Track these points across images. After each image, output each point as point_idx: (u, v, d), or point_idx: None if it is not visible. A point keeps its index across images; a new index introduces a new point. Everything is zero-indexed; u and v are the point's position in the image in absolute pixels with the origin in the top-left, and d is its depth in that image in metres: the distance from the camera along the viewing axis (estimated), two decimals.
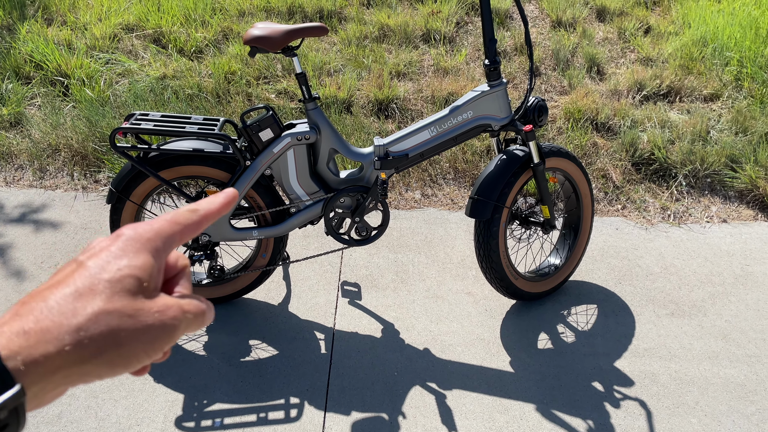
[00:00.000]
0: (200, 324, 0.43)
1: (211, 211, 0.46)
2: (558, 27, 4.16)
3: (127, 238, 0.41)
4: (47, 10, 4.10)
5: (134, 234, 0.41)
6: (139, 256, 0.40)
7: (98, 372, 0.37)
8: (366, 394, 1.96)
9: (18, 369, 0.34)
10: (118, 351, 0.37)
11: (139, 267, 0.40)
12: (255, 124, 1.92)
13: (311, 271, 2.42)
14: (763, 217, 2.83)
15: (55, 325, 0.35)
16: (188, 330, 0.42)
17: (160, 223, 0.43)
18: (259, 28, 1.86)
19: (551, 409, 1.93)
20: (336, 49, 3.84)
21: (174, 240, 0.43)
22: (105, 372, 0.37)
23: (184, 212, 0.45)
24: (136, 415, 1.87)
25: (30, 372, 0.34)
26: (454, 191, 2.93)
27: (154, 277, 0.41)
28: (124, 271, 0.39)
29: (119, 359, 0.37)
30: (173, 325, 0.40)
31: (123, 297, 0.38)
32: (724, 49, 3.75)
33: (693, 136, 3.16)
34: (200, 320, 0.43)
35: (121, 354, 0.37)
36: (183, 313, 0.41)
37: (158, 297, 0.41)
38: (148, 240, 0.42)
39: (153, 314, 0.39)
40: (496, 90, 2.00)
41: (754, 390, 2.02)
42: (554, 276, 2.32)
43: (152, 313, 0.39)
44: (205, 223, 0.45)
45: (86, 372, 0.37)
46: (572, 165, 2.20)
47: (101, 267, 0.39)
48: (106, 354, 0.37)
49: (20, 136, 3.14)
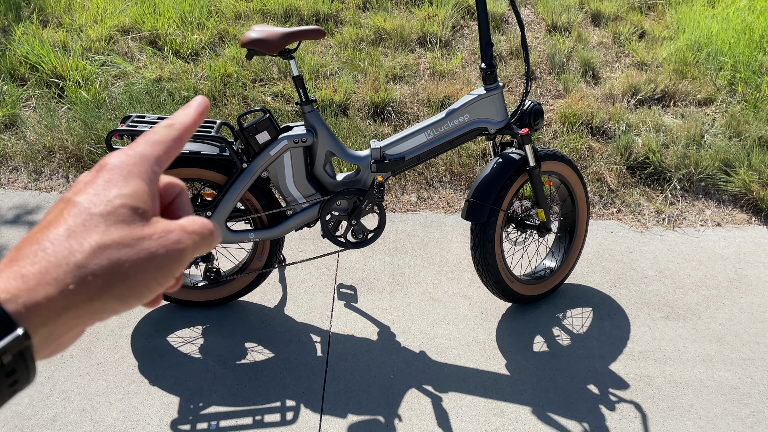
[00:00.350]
0: (209, 244, 0.41)
1: (188, 122, 0.44)
2: (553, 31, 4.18)
3: (112, 167, 0.39)
4: (43, 11, 4.09)
5: (118, 162, 0.39)
6: (129, 183, 0.38)
7: (111, 307, 0.36)
8: (362, 396, 1.96)
9: (19, 312, 0.33)
10: (125, 283, 0.36)
11: (130, 195, 0.38)
12: (252, 127, 1.92)
13: (307, 274, 2.42)
14: (756, 220, 2.85)
15: (52, 265, 0.34)
16: (197, 252, 0.40)
17: (142, 146, 0.41)
18: (256, 30, 1.86)
19: (547, 412, 1.94)
20: (332, 52, 3.85)
21: (161, 160, 0.41)
22: (118, 306, 0.36)
23: (162, 129, 0.43)
24: (132, 418, 1.86)
25: (33, 315, 0.33)
26: (450, 194, 2.94)
27: (148, 202, 0.39)
28: (115, 202, 0.37)
29: (129, 291, 0.36)
30: (178, 248, 0.38)
31: (119, 228, 0.36)
32: (718, 54, 3.77)
33: (687, 140, 3.18)
34: (208, 240, 0.41)
35: (129, 286, 0.36)
36: (187, 235, 0.39)
37: (157, 222, 0.39)
38: (134, 165, 0.40)
39: (155, 240, 0.37)
40: (493, 93, 2.00)
41: (748, 393, 2.03)
42: (550, 279, 2.33)
43: (154, 240, 0.37)
44: (186, 135, 0.43)
45: (98, 309, 0.35)
46: (568, 168, 2.21)
47: (91, 201, 0.37)
48: (114, 288, 0.35)
49: (15, 138, 3.13)
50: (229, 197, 1.97)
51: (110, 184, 0.38)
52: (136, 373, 2.01)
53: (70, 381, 1.97)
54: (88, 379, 1.98)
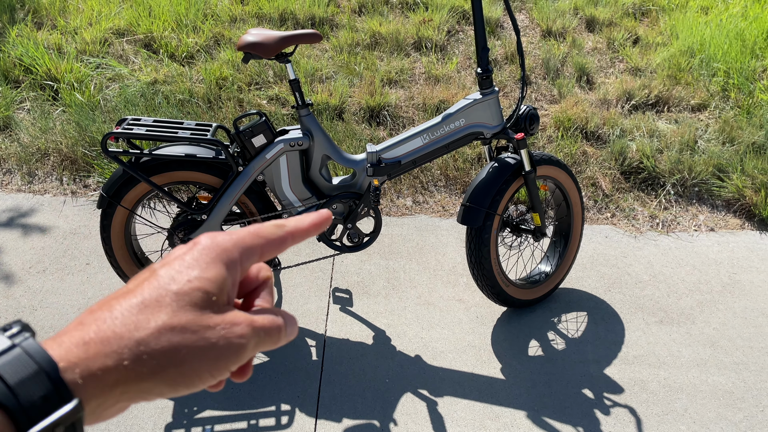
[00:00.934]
0: (275, 342, 0.40)
1: (299, 229, 0.43)
2: (548, 36, 4.20)
3: (203, 247, 0.39)
4: (37, 14, 4.08)
5: (211, 243, 0.39)
6: (212, 267, 0.38)
7: (159, 390, 0.35)
8: (357, 401, 1.96)
9: (76, 382, 0.32)
10: (178, 369, 0.35)
11: (209, 279, 0.37)
12: (248, 130, 1.92)
13: (302, 278, 2.41)
14: (749, 226, 2.87)
15: (116, 336, 0.34)
16: (260, 348, 0.39)
17: (242, 234, 0.41)
18: (252, 34, 1.86)
19: (542, 416, 1.94)
20: (328, 56, 3.85)
21: (254, 253, 0.40)
22: (166, 391, 0.35)
23: (270, 226, 0.42)
24: (126, 422, 1.85)
25: (88, 386, 0.33)
26: (446, 198, 2.94)
27: (225, 290, 0.38)
28: (193, 284, 0.37)
29: (180, 378, 0.35)
30: (239, 343, 0.37)
31: (189, 311, 0.36)
32: (711, 60, 3.80)
33: (681, 146, 3.20)
34: (275, 338, 0.39)
35: (182, 372, 0.35)
36: (253, 330, 0.38)
37: (228, 312, 0.38)
38: (224, 250, 0.39)
39: (218, 331, 0.36)
40: (488, 98, 2.01)
41: (742, 397, 2.03)
42: (545, 283, 2.33)
43: (218, 330, 0.36)
44: (290, 241, 0.42)
45: (146, 389, 0.35)
46: (563, 173, 2.22)
47: (171, 277, 0.37)
48: (167, 372, 0.35)
49: (9, 140, 3.11)
50: (224, 200, 1.97)
51: (195, 264, 0.38)
52: None
53: None
54: None
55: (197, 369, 0.35)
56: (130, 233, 2.09)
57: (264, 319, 0.39)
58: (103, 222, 2.02)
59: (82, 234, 2.60)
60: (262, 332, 0.38)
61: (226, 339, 0.36)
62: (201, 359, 0.35)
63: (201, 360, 0.35)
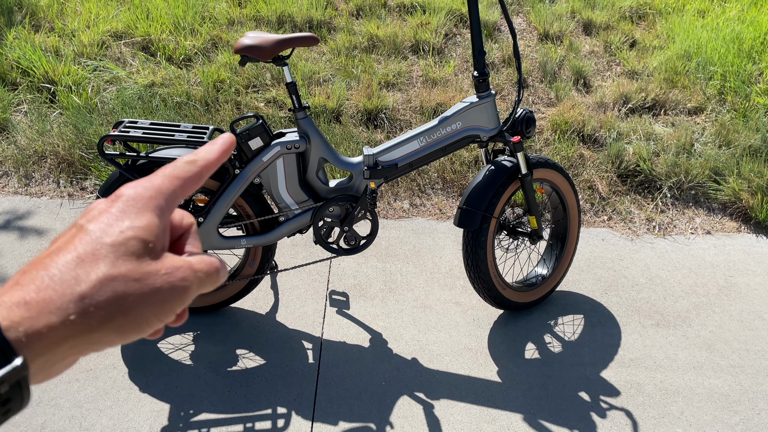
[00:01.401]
0: (214, 282, 0.41)
1: (210, 160, 0.44)
2: (545, 40, 4.21)
3: (127, 198, 0.39)
4: (35, 16, 4.08)
5: (134, 194, 0.39)
6: (142, 216, 0.38)
7: (108, 339, 0.36)
8: (353, 403, 1.96)
9: (20, 340, 0.32)
10: (126, 317, 0.35)
11: (142, 228, 0.38)
12: (244, 133, 1.92)
13: (299, 280, 2.41)
14: (746, 228, 2.88)
15: (57, 294, 0.34)
16: (201, 290, 0.40)
17: (160, 179, 0.41)
18: (250, 37, 1.87)
19: (538, 419, 1.94)
20: (325, 59, 3.86)
21: (176, 196, 0.41)
22: (115, 339, 0.36)
23: (182, 164, 0.42)
24: (121, 425, 1.85)
25: (33, 344, 0.33)
26: (443, 201, 2.95)
27: (159, 237, 0.39)
28: (127, 234, 0.37)
29: (129, 325, 0.36)
30: (183, 286, 0.38)
31: (128, 260, 0.36)
32: (707, 64, 3.81)
33: (677, 149, 3.21)
34: (213, 278, 0.41)
35: (130, 320, 0.36)
36: (193, 273, 0.39)
37: (165, 258, 0.39)
38: (149, 198, 0.39)
39: (161, 276, 0.37)
40: (485, 101, 2.01)
41: (738, 400, 2.04)
42: (541, 286, 2.33)
43: (160, 275, 0.37)
44: (206, 173, 0.43)
45: (95, 340, 0.35)
46: (559, 176, 2.22)
47: (103, 230, 0.37)
48: (115, 321, 0.35)
49: (6, 143, 3.11)
50: (221, 203, 1.97)
51: (124, 215, 0.38)
52: (126, 379, 1.99)
53: (60, 388, 1.95)
54: (77, 386, 1.96)
55: (145, 314, 0.36)
56: None
57: (202, 261, 0.40)
58: None
59: None
60: (201, 274, 0.39)
61: (170, 283, 0.37)
62: (147, 305, 0.36)
63: (148, 305, 0.36)
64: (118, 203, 0.39)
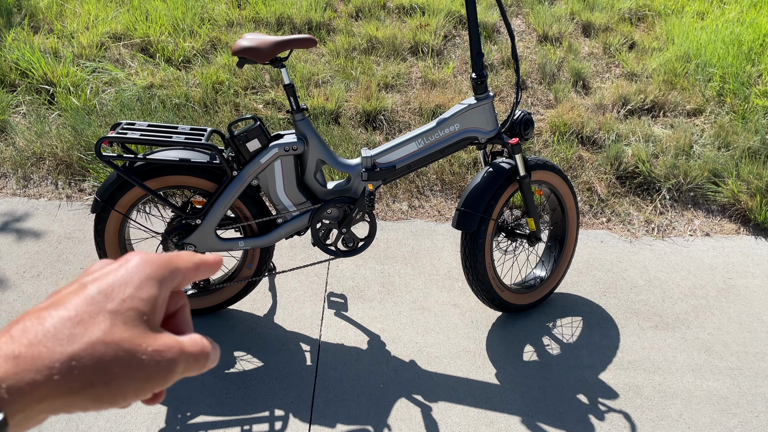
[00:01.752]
0: (201, 367, 0.40)
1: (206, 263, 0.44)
2: (544, 41, 4.21)
3: (135, 264, 0.39)
4: (34, 17, 4.08)
5: (142, 261, 0.39)
6: (145, 286, 0.38)
7: (83, 404, 0.35)
8: (351, 406, 1.95)
9: (2, 397, 0.32)
10: (107, 386, 0.34)
11: (143, 299, 0.37)
12: (242, 135, 1.92)
13: (297, 282, 2.41)
14: (745, 230, 2.87)
15: (48, 351, 0.33)
16: (186, 373, 0.39)
17: (169, 256, 0.41)
18: (247, 39, 1.86)
19: (536, 422, 1.94)
20: (324, 61, 3.86)
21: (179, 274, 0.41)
22: (90, 405, 0.35)
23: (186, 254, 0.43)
24: (118, 428, 1.84)
25: (16, 400, 0.32)
26: (441, 203, 2.94)
27: (156, 310, 0.38)
28: (127, 303, 0.37)
29: (107, 395, 0.35)
30: (170, 368, 0.37)
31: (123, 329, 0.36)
32: (707, 65, 3.81)
33: (676, 151, 3.21)
34: (202, 363, 0.40)
35: (110, 390, 0.35)
36: (182, 355, 0.38)
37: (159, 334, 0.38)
38: (157, 268, 0.39)
39: (150, 352, 0.36)
40: (483, 103, 2.01)
41: (737, 403, 2.03)
42: (540, 288, 2.33)
43: (150, 351, 0.36)
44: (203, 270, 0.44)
45: (71, 403, 0.34)
46: (558, 178, 2.22)
47: (105, 294, 0.37)
48: (95, 388, 0.34)
49: (4, 144, 3.11)
50: (219, 205, 1.96)
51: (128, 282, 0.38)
52: None
53: None
54: None
55: (124, 387, 0.35)
56: (124, 238, 2.08)
57: (193, 345, 0.39)
58: (97, 226, 2.01)
59: (77, 238, 2.59)
60: (191, 358, 0.39)
61: (157, 361, 0.36)
62: (130, 378, 0.35)
63: (130, 379, 0.35)
64: (127, 267, 0.39)
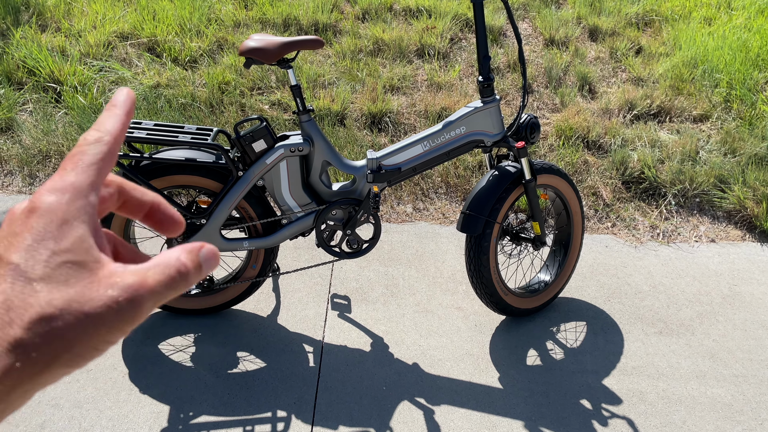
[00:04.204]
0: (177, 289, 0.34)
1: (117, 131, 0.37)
2: (551, 45, 4.20)
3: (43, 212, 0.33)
4: (42, 16, 4.09)
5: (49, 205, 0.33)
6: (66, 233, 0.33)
7: (59, 375, 0.32)
8: (354, 408, 1.95)
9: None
10: (71, 352, 0.31)
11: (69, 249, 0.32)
12: (248, 135, 1.92)
13: (301, 283, 2.41)
14: (750, 237, 2.86)
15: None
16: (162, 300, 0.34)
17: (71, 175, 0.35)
18: (255, 39, 1.87)
19: (539, 426, 1.93)
20: (330, 62, 3.86)
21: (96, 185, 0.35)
22: (67, 371, 0.32)
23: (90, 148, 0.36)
24: (121, 426, 1.84)
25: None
26: (446, 206, 2.94)
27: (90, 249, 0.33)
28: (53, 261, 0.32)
29: (76, 358, 0.31)
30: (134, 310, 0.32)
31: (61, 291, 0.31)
32: (713, 71, 3.80)
33: (682, 156, 3.20)
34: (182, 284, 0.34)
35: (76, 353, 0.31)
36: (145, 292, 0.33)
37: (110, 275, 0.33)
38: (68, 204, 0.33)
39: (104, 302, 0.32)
40: (489, 106, 2.01)
41: (741, 410, 2.02)
42: (544, 292, 2.32)
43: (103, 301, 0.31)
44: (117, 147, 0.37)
45: (45, 380, 0.31)
46: (563, 182, 2.22)
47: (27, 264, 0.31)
48: (60, 359, 0.31)
49: (11, 142, 3.12)
50: (224, 205, 1.97)
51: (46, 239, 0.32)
52: (126, 380, 1.99)
53: (59, 388, 1.95)
54: (77, 386, 1.96)
55: (90, 345, 0.31)
56: (129, 237, 2.08)
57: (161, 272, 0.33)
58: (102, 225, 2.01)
59: None
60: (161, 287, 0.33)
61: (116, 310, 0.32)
62: (91, 336, 0.31)
63: (91, 336, 0.31)
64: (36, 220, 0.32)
